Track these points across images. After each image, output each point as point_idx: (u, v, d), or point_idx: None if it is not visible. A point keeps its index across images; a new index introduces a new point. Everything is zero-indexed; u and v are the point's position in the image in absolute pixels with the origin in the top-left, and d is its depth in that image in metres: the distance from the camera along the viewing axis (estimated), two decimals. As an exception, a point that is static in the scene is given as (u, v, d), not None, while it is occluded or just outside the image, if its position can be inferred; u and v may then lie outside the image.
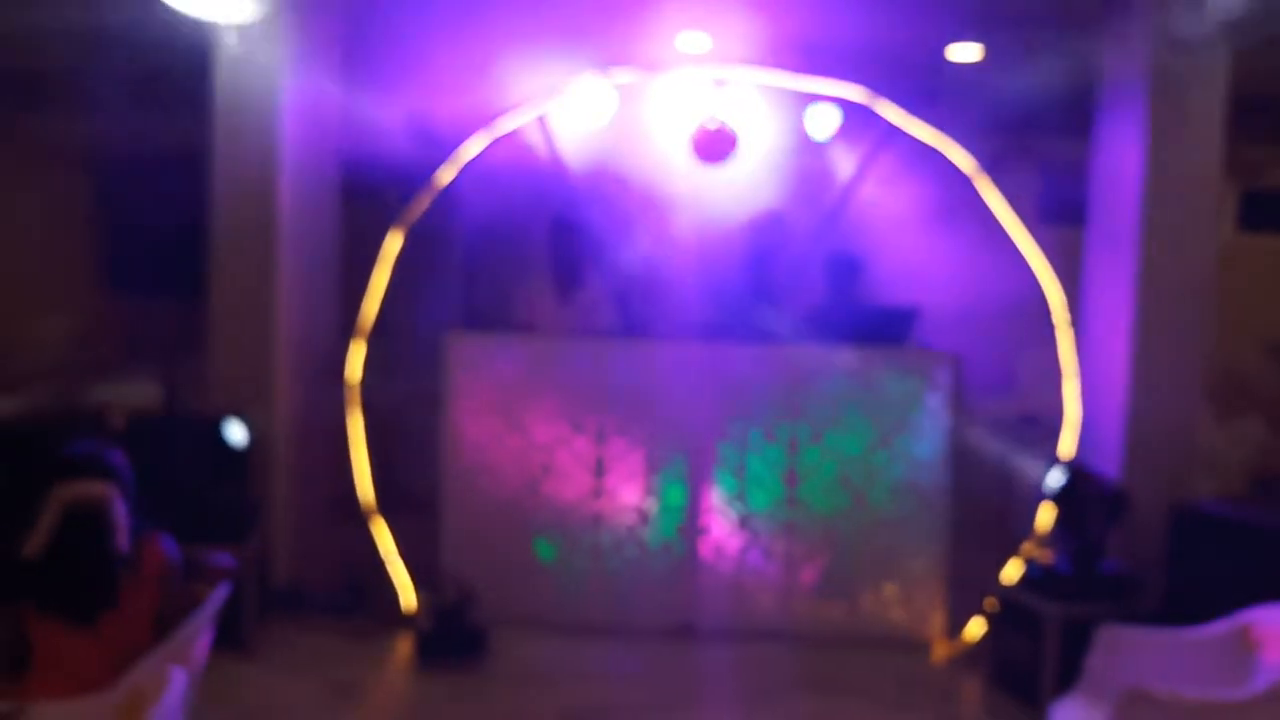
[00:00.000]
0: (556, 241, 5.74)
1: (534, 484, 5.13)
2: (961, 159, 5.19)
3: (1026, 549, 4.90)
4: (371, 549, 5.18)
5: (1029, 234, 5.18)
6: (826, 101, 5.44)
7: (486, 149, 5.20)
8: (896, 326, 5.34)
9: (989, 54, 5.78)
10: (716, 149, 5.34)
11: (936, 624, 5.12)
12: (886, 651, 4.99)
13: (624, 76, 5.33)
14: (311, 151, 5.46)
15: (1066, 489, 4.61)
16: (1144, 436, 4.97)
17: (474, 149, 5.18)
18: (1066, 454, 5.03)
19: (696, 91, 5.37)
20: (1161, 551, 4.76)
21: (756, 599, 5.14)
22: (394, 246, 5.19)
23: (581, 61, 5.25)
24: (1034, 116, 5.33)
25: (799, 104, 5.48)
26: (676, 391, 5.09)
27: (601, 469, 5.12)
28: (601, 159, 5.68)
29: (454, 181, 5.23)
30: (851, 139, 5.63)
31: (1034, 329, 5.40)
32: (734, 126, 5.35)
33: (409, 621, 4.99)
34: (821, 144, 5.66)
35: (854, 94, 5.26)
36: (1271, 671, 3.25)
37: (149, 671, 2.82)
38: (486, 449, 5.12)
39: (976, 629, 4.98)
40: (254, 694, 4.32)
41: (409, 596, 5.09)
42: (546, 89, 5.26)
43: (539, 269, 5.92)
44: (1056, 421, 5.25)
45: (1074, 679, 3.71)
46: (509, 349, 5.17)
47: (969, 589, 5.02)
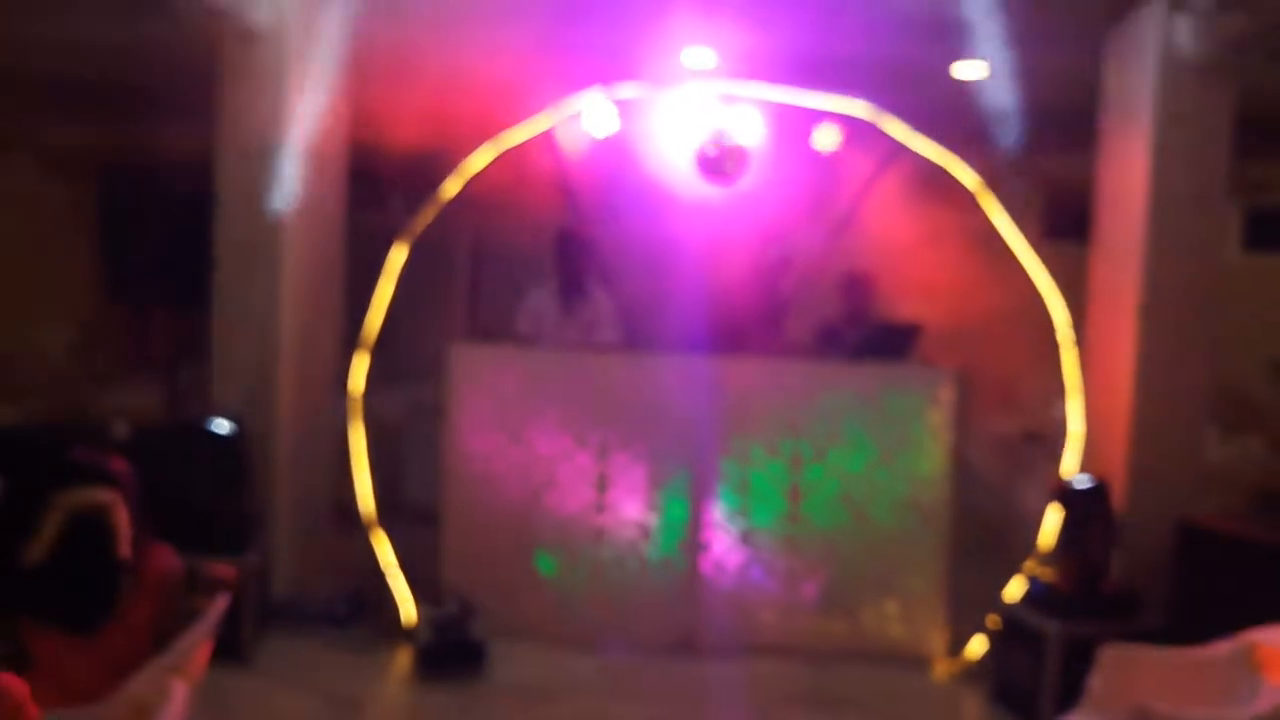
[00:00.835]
0: (561, 255, 5.75)
1: (536, 497, 5.12)
2: (966, 175, 5.19)
3: (1028, 567, 4.88)
4: (372, 561, 5.16)
5: (1033, 251, 5.17)
6: (832, 117, 5.45)
7: (492, 162, 5.21)
8: (899, 342, 5.34)
9: (994, 71, 5.80)
10: (722, 166, 5.35)
11: (938, 641, 5.10)
12: (888, 668, 4.98)
13: (630, 91, 5.34)
14: (318, 161, 5.46)
15: (1069, 507, 4.60)
16: (1147, 454, 4.97)
17: (480, 161, 5.19)
18: (1069, 472, 5.01)
19: (703, 107, 5.38)
20: (1165, 569, 4.75)
21: (758, 614, 5.12)
22: (398, 258, 5.19)
23: (588, 76, 5.26)
24: (1038, 133, 5.33)
25: (805, 120, 5.49)
26: (679, 406, 5.09)
27: (603, 483, 5.12)
28: (607, 173, 5.68)
29: (459, 194, 5.23)
30: (857, 155, 5.64)
31: (1037, 346, 5.40)
32: (740, 143, 5.36)
33: (409, 634, 4.98)
34: (827, 159, 5.66)
35: (859, 110, 5.27)
36: (1276, 692, 3.23)
37: (148, 682, 2.80)
38: (488, 461, 5.12)
39: (978, 646, 4.96)
40: (252, 705, 4.31)
41: (409, 609, 5.07)
42: (553, 103, 5.27)
43: (543, 282, 5.94)
44: (1059, 439, 5.24)
45: (1076, 698, 3.68)
46: (512, 362, 5.17)
47: (970, 606, 5.01)
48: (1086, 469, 5.00)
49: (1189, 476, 5.04)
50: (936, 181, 5.31)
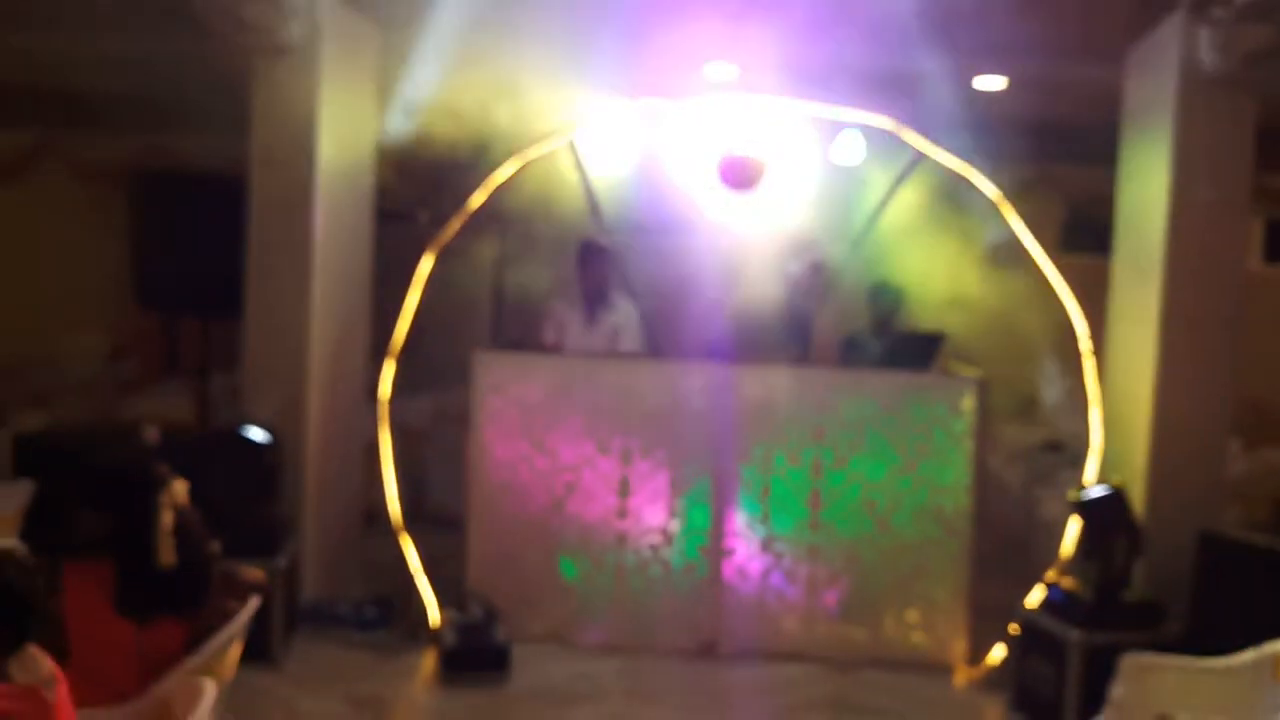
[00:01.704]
0: (584, 264, 5.82)
1: (559, 503, 5.17)
2: (987, 187, 5.22)
3: (1050, 575, 4.89)
4: (398, 565, 5.23)
5: (1054, 262, 5.20)
6: (854, 129, 5.49)
7: (518, 172, 5.28)
8: (922, 352, 5.37)
9: (1015, 84, 5.84)
10: (743, 176, 5.40)
11: (959, 649, 5.11)
12: (909, 675, 4.99)
13: (653, 103, 5.40)
14: (347, 172, 5.56)
15: (1097, 510, 4.60)
16: (1169, 465, 4.97)
17: (505, 172, 5.26)
18: (1091, 481, 5.03)
19: (724, 119, 5.43)
20: (1187, 579, 4.75)
21: (779, 621, 5.15)
22: (426, 267, 5.27)
23: (612, 88, 5.32)
24: (1060, 146, 5.36)
25: (827, 131, 5.53)
26: (701, 414, 5.14)
27: (626, 490, 5.17)
28: (630, 184, 5.74)
29: (486, 204, 5.30)
30: (878, 166, 5.68)
31: (1059, 357, 5.42)
32: (761, 154, 5.41)
33: (433, 637, 5.04)
34: (848, 171, 5.70)
35: (881, 122, 5.31)
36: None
37: (179, 683, 2.85)
38: (513, 468, 5.18)
39: (999, 654, 4.97)
40: (279, 707, 4.37)
41: (434, 613, 5.13)
42: (578, 115, 5.34)
43: (567, 291, 6.00)
44: (1081, 449, 5.25)
45: (1097, 707, 3.70)
46: (536, 370, 5.23)
47: (992, 614, 5.02)
48: (1107, 479, 5.01)
49: (1211, 487, 5.04)
50: (958, 192, 5.34)
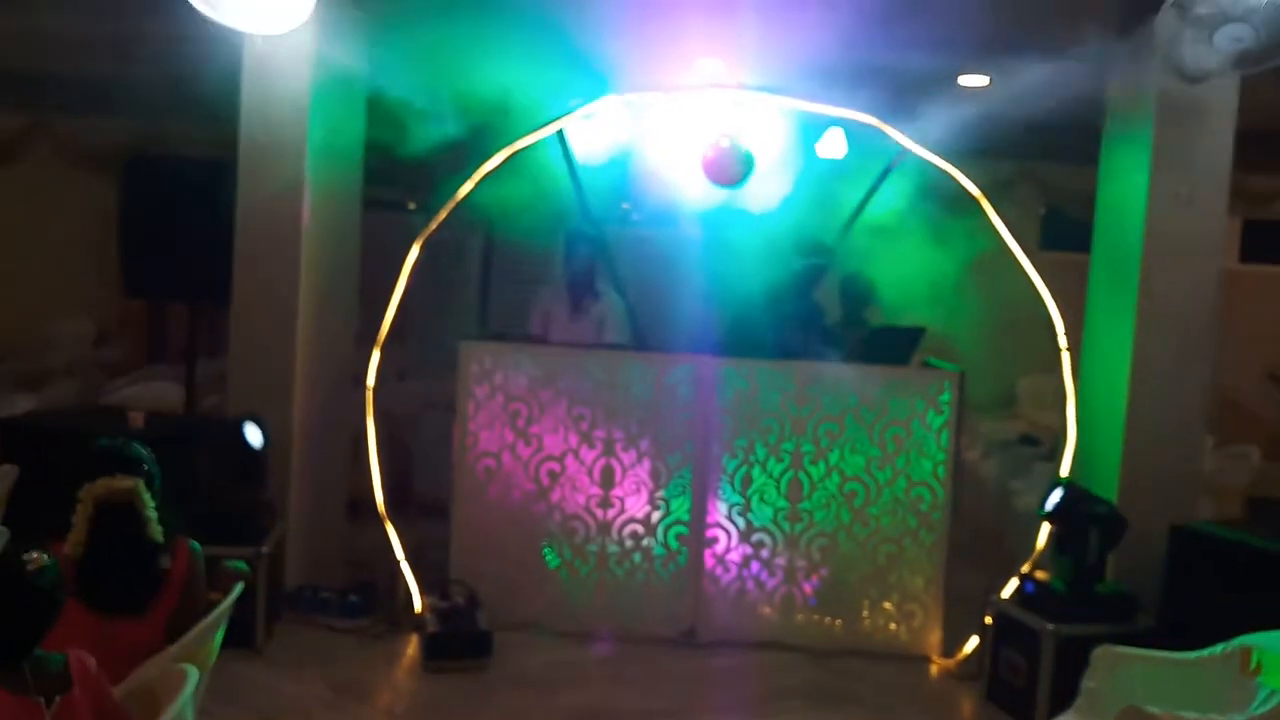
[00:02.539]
0: (571, 255, 5.86)
1: (543, 492, 5.22)
2: (968, 182, 5.27)
3: (1024, 567, 4.96)
4: (382, 552, 5.27)
5: (1032, 258, 5.25)
6: (838, 124, 5.54)
7: (506, 162, 5.30)
8: (901, 345, 5.43)
9: (997, 81, 5.88)
10: (728, 170, 5.44)
11: (934, 639, 5.19)
12: (885, 665, 5.07)
13: (641, 97, 5.43)
14: (336, 160, 5.58)
15: (1065, 509, 4.68)
16: (1143, 459, 5.04)
17: (494, 163, 5.29)
18: (1066, 475, 5.10)
19: (711, 113, 5.47)
20: (1159, 573, 4.82)
21: (757, 609, 5.22)
22: (413, 256, 5.29)
23: (601, 82, 5.35)
24: (1041, 143, 5.41)
25: (811, 126, 5.57)
26: (685, 405, 5.19)
27: (610, 479, 5.22)
28: (618, 177, 5.78)
29: (473, 194, 5.33)
30: (861, 161, 5.72)
31: (1036, 352, 5.47)
32: (746, 148, 5.45)
33: (417, 624, 5.08)
34: (832, 165, 5.75)
35: (865, 118, 5.35)
36: (1268, 697, 3.28)
37: (161, 669, 2.86)
38: (497, 457, 5.22)
39: (973, 645, 5.04)
40: (262, 693, 4.40)
41: (417, 600, 5.18)
42: (567, 108, 5.36)
43: (553, 281, 6.03)
44: (1056, 443, 5.32)
45: (1069, 698, 3.75)
46: (522, 359, 5.27)
47: (967, 606, 5.09)
48: (1082, 473, 5.09)
49: (1185, 483, 5.11)
50: (939, 188, 5.39)
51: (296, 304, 5.29)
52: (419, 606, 5.13)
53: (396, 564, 5.22)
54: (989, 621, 4.79)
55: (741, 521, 5.20)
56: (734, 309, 5.70)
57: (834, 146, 5.63)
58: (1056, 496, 4.71)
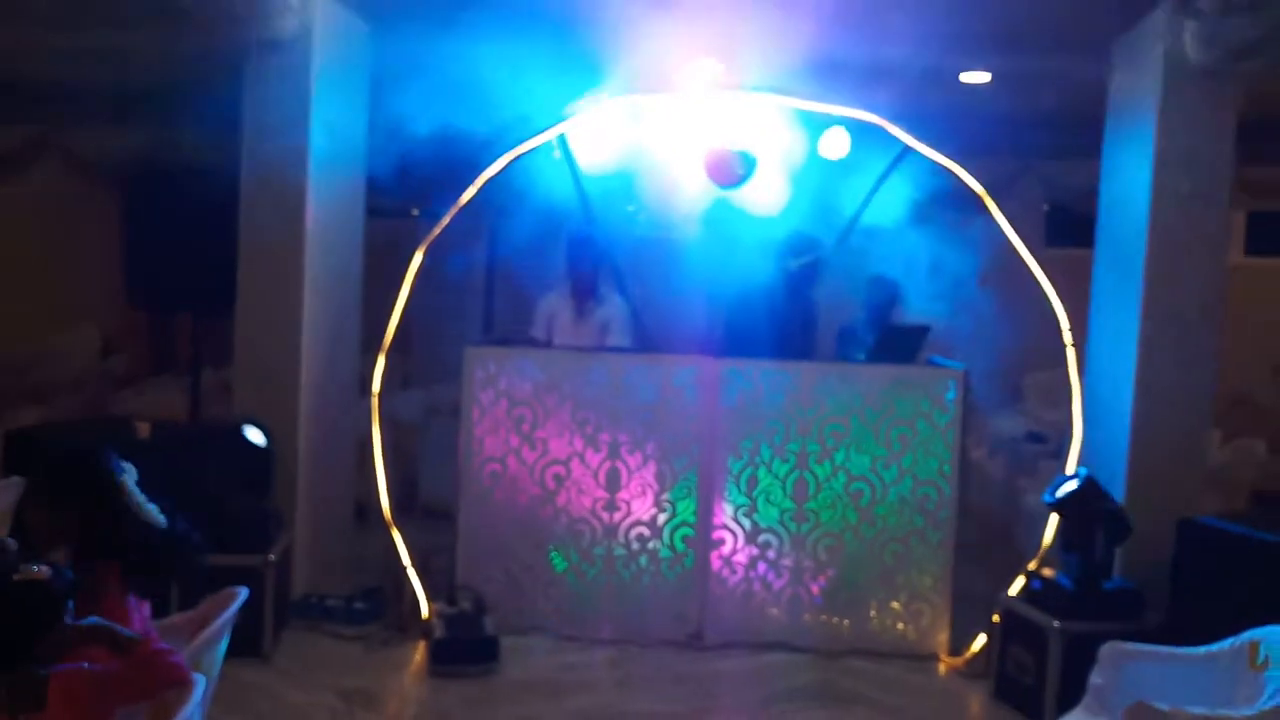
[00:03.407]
0: (574, 259, 5.86)
1: (548, 496, 5.22)
2: (971, 180, 5.26)
3: (1031, 565, 4.95)
4: (388, 558, 5.28)
5: (1036, 255, 5.24)
6: (840, 123, 5.53)
7: (508, 167, 5.31)
8: (907, 344, 5.42)
9: (999, 78, 5.86)
10: (729, 171, 5.44)
11: (942, 638, 5.18)
12: (892, 664, 5.06)
13: (642, 99, 5.43)
14: (339, 168, 5.59)
15: (1072, 506, 4.66)
16: (1149, 454, 5.03)
17: (496, 168, 5.29)
18: (1072, 471, 5.08)
19: (712, 113, 5.47)
20: (1166, 568, 4.81)
21: (765, 611, 5.21)
22: (417, 262, 5.30)
23: (601, 84, 5.35)
24: (1043, 139, 5.40)
25: (812, 126, 5.56)
26: (690, 407, 5.19)
27: (615, 482, 5.22)
28: (619, 179, 5.77)
29: (476, 199, 5.33)
30: (863, 160, 5.72)
31: (1041, 348, 5.45)
32: (747, 148, 5.44)
33: (423, 629, 5.08)
34: (834, 165, 5.74)
35: (867, 116, 5.34)
36: (1276, 691, 3.27)
37: None
38: (502, 461, 5.22)
39: (981, 643, 5.03)
40: (269, 701, 4.41)
41: (424, 605, 5.18)
42: (568, 110, 5.37)
43: (557, 285, 6.04)
44: (1063, 439, 5.30)
45: (1077, 695, 3.73)
46: (526, 363, 5.27)
47: (974, 604, 5.08)
48: (1089, 469, 5.07)
49: (1191, 477, 5.09)
50: (942, 185, 5.38)
51: (301, 312, 5.30)
52: (426, 612, 5.13)
53: (403, 570, 5.22)
54: (997, 619, 4.77)
55: (748, 523, 5.20)
56: (732, 310, 5.70)
57: (836, 145, 5.62)
58: (1065, 495, 4.67)
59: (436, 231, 5.32)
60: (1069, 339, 5.17)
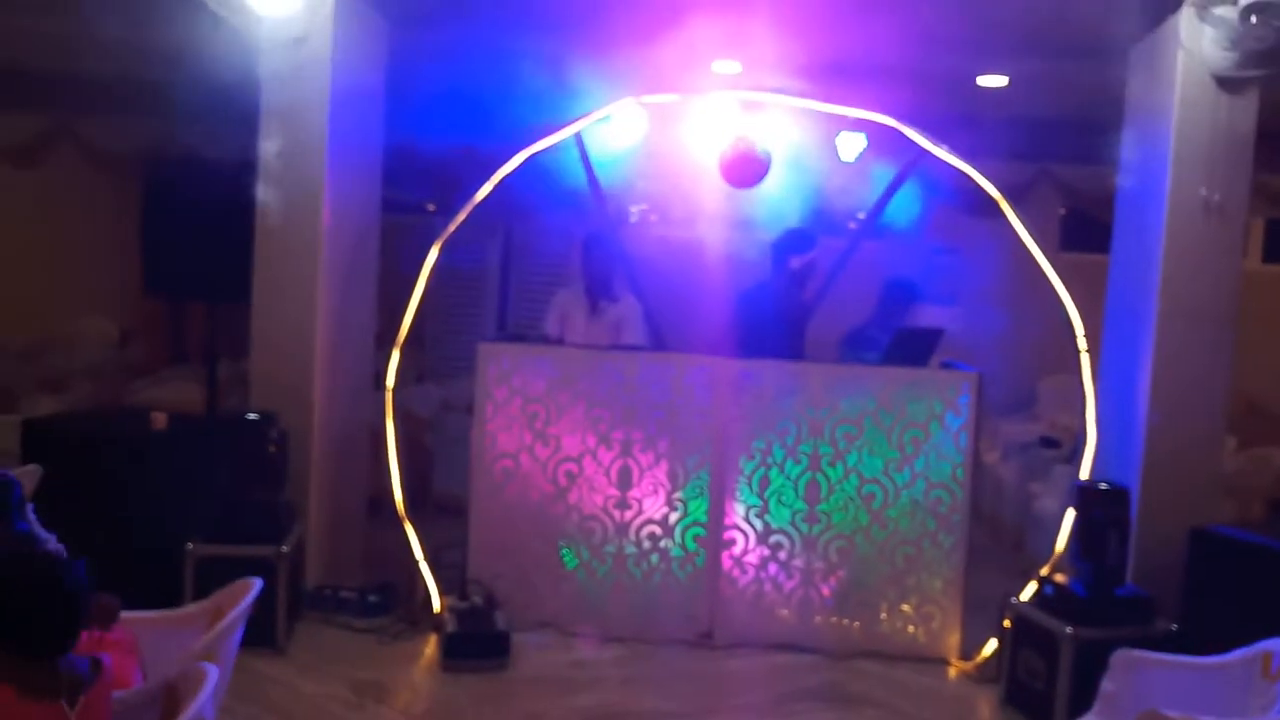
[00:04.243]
0: (588, 257, 5.87)
1: (560, 493, 5.23)
2: (987, 184, 5.25)
3: (1044, 570, 4.94)
4: (401, 552, 5.30)
5: (1052, 259, 5.23)
6: (855, 125, 5.53)
7: (523, 165, 5.32)
8: (921, 346, 5.42)
9: (1017, 82, 5.85)
10: (745, 172, 5.44)
11: (953, 642, 5.17)
12: (902, 667, 5.06)
13: (658, 99, 5.44)
14: (355, 161, 5.61)
15: (1085, 511, 4.65)
16: (1163, 461, 5.01)
17: (512, 166, 5.31)
18: (1086, 477, 5.07)
19: (728, 115, 5.47)
20: (1179, 575, 4.80)
21: (775, 611, 5.22)
22: (433, 258, 5.32)
23: (617, 84, 5.36)
24: (1060, 144, 5.39)
25: (829, 127, 5.57)
26: (702, 406, 5.19)
27: (627, 480, 5.23)
28: (635, 179, 5.79)
29: (492, 196, 5.35)
30: (879, 162, 5.72)
31: (1056, 353, 5.44)
32: (763, 150, 5.45)
33: (435, 624, 5.11)
34: (850, 167, 5.74)
35: (883, 119, 5.34)
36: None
37: (183, 667, 2.89)
38: (515, 458, 5.24)
39: (992, 648, 5.03)
40: (282, 692, 4.44)
41: (436, 599, 5.20)
42: (583, 110, 5.38)
43: (571, 283, 6.05)
44: (1077, 445, 5.29)
45: (1088, 702, 3.72)
46: (540, 361, 5.29)
47: (986, 608, 5.07)
48: (1102, 475, 5.06)
49: (1205, 485, 5.08)
50: (958, 189, 5.37)
51: (316, 305, 5.32)
52: (438, 606, 5.16)
53: (415, 564, 5.25)
54: (1008, 624, 4.77)
55: (759, 523, 5.20)
56: (737, 310, 5.71)
57: (852, 147, 5.62)
58: (1078, 501, 4.66)
59: (452, 227, 5.34)
60: (1083, 344, 5.16)
